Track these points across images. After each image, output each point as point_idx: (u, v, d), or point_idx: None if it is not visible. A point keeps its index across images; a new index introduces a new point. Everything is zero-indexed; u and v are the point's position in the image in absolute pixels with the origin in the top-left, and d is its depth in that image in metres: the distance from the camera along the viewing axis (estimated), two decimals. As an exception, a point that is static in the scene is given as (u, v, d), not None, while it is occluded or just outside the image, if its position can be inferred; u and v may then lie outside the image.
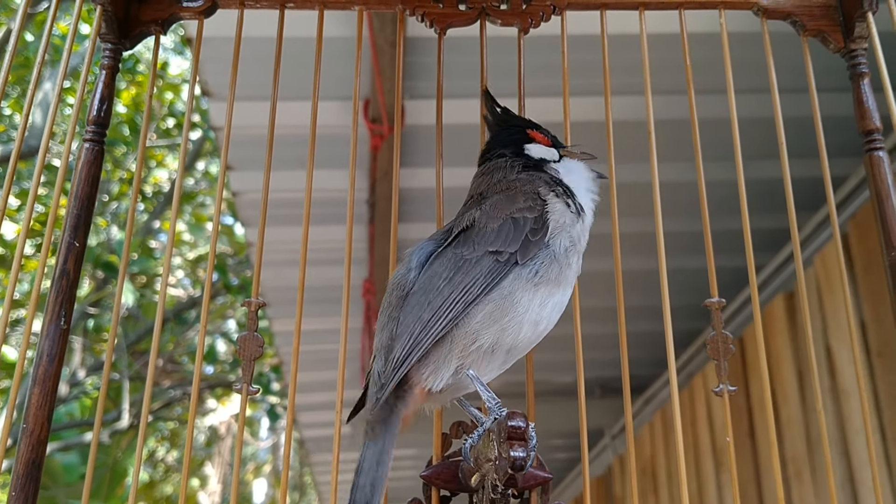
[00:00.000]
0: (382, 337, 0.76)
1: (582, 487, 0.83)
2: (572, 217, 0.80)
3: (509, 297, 0.73)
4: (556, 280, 0.75)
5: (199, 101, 5.57)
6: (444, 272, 0.74)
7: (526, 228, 0.75)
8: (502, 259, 0.73)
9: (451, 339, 0.72)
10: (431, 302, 0.72)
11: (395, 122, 0.97)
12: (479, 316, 0.72)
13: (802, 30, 0.92)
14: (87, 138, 0.83)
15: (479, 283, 0.72)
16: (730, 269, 1.41)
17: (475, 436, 0.74)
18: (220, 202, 0.90)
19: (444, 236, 0.80)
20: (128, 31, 0.88)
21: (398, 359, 0.71)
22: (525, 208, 0.77)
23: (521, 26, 0.95)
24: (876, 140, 0.85)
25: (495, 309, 0.72)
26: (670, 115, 1.67)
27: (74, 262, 0.78)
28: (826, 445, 0.82)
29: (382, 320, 0.77)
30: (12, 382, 0.77)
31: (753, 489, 2.71)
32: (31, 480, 0.72)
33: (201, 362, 0.83)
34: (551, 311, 0.76)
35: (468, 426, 0.83)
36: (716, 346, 0.81)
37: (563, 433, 4.05)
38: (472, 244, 0.75)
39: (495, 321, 0.72)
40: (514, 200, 0.79)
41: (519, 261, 0.74)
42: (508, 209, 0.78)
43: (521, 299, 0.73)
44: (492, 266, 0.73)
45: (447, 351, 0.72)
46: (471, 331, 0.72)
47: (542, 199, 0.79)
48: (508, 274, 0.73)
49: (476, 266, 0.73)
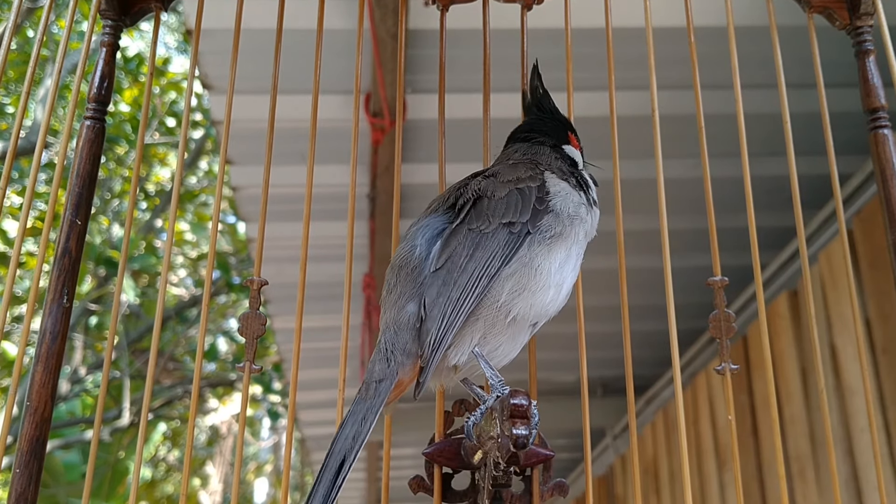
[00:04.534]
0: (393, 313, 0.77)
1: (584, 487, 0.82)
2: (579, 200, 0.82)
3: (530, 264, 0.75)
4: (566, 242, 0.78)
5: (202, 100, 5.59)
6: (464, 250, 0.75)
7: (532, 197, 0.78)
8: (515, 230, 0.76)
9: (480, 314, 0.74)
10: (458, 280, 0.73)
11: (396, 116, 0.96)
12: (507, 288, 0.74)
13: (808, 7, 0.91)
14: (87, 116, 0.82)
15: (499, 255, 0.74)
16: (734, 266, 1.40)
17: (478, 413, 0.74)
18: (219, 194, 0.89)
19: (447, 210, 0.82)
20: (128, 8, 0.88)
21: (435, 340, 0.72)
22: (526, 178, 0.80)
23: (524, 3, 0.94)
24: (881, 118, 0.85)
25: (520, 278, 0.74)
26: (675, 110, 1.66)
27: (76, 240, 0.78)
28: (830, 444, 0.81)
29: (392, 298, 0.78)
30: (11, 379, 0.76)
31: (756, 487, 2.70)
32: (35, 458, 0.72)
33: (202, 360, 0.83)
34: (569, 272, 0.78)
35: (470, 404, 0.83)
36: (718, 324, 0.81)
37: (565, 433, 4.04)
38: (485, 217, 0.77)
39: (522, 290, 0.74)
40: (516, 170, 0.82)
41: (531, 230, 0.76)
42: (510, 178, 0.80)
43: (541, 263, 0.75)
44: (507, 238, 0.75)
45: (473, 326, 0.74)
46: (501, 304, 0.74)
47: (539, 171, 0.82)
48: (523, 243, 0.76)
49: (493, 239, 0.75)
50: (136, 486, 0.79)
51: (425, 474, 0.82)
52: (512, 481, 0.80)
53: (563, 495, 0.81)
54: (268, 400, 6.73)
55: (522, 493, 0.81)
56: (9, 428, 0.75)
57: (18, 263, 0.82)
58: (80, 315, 5.50)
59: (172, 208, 0.86)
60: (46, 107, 0.85)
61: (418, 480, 0.82)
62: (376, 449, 3.88)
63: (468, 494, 0.81)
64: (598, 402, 3.77)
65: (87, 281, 5.60)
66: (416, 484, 0.82)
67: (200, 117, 5.98)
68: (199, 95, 5.45)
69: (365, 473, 4.58)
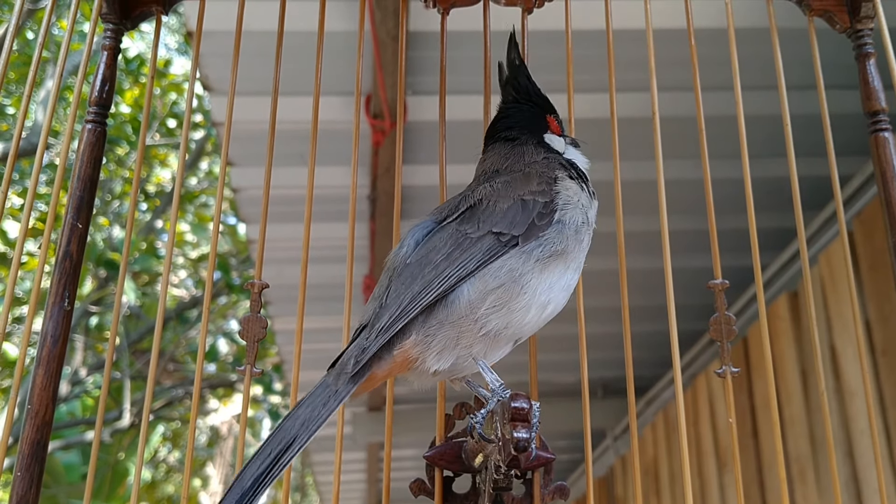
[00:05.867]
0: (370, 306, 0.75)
1: (585, 488, 0.82)
2: (587, 199, 0.80)
3: (518, 280, 0.72)
4: (565, 259, 0.74)
5: (203, 102, 5.59)
6: (443, 247, 0.73)
7: (534, 212, 0.74)
8: (503, 240, 0.73)
9: (455, 322, 0.71)
10: (425, 276, 0.71)
11: (397, 117, 0.96)
12: (488, 301, 0.71)
13: (808, 10, 0.91)
14: (88, 119, 0.83)
15: (476, 259, 0.71)
16: (734, 268, 1.40)
17: (479, 416, 0.73)
18: (220, 196, 0.89)
19: (449, 213, 0.79)
20: (129, 12, 0.88)
21: (384, 326, 0.70)
22: (538, 192, 0.76)
23: (525, 6, 0.95)
24: (881, 121, 0.85)
25: (503, 293, 0.71)
26: (675, 112, 1.66)
27: (77, 243, 0.78)
28: (831, 445, 0.81)
29: (374, 295, 0.76)
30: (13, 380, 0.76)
31: (756, 489, 2.70)
32: (36, 461, 0.73)
33: (202, 361, 0.83)
34: (559, 292, 0.75)
35: (471, 407, 0.83)
36: (719, 327, 0.81)
37: (565, 434, 4.04)
38: (476, 221, 0.74)
39: (502, 306, 0.71)
40: (528, 182, 0.78)
41: (520, 244, 0.73)
42: (520, 190, 0.77)
43: (530, 281, 0.72)
44: (491, 245, 0.72)
45: (454, 337, 0.71)
46: (479, 317, 0.71)
47: (554, 183, 0.78)
48: (506, 254, 0.72)
49: (476, 244, 0.72)
50: (137, 486, 0.79)
51: (426, 477, 0.82)
52: (513, 484, 0.80)
53: (564, 498, 0.81)
54: (269, 401, 6.73)
55: (523, 496, 0.81)
56: (10, 430, 0.75)
57: (20, 264, 0.82)
58: (81, 316, 5.50)
59: (174, 210, 0.86)
60: (48, 108, 0.85)
61: (419, 483, 0.82)
62: (377, 450, 3.88)
63: (469, 498, 0.81)
64: (598, 403, 3.77)
65: (87, 282, 5.60)
66: (416, 487, 0.82)
67: (201, 119, 5.98)
68: (199, 97, 5.46)
69: (365, 475, 4.58)
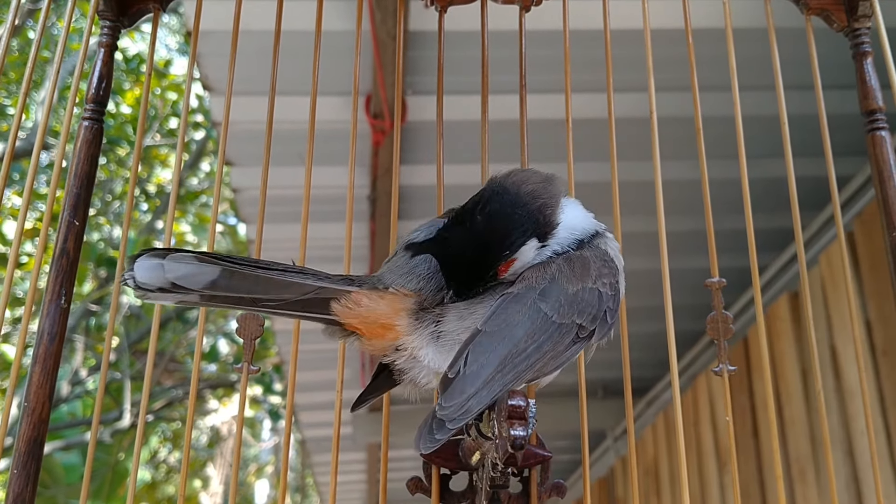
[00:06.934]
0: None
1: (583, 489, 0.82)
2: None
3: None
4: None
5: (203, 102, 5.59)
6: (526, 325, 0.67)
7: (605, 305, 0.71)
8: (582, 335, 0.69)
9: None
10: (517, 366, 0.66)
11: (395, 117, 0.96)
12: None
13: (806, 9, 0.91)
14: (86, 116, 0.82)
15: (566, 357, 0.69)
16: (734, 269, 1.40)
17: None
18: (217, 196, 0.90)
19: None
20: (126, 9, 0.87)
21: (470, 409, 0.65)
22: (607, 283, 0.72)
23: (522, 4, 0.95)
24: (878, 119, 0.85)
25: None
26: (673, 112, 1.66)
27: (74, 240, 0.78)
28: (828, 446, 0.81)
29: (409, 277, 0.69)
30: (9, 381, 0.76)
31: (756, 489, 2.70)
32: (32, 458, 0.72)
33: (200, 361, 0.83)
34: None
35: None
36: (715, 325, 0.81)
37: (565, 434, 4.04)
38: (557, 305, 0.68)
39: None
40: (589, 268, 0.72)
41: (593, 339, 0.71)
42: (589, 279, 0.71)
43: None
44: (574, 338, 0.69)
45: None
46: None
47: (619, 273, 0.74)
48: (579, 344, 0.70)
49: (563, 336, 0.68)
50: (133, 486, 0.80)
51: (423, 475, 0.82)
52: (510, 482, 0.80)
53: (561, 496, 0.81)
54: (268, 401, 6.74)
55: (520, 493, 0.81)
56: (6, 429, 0.75)
57: (18, 264, 0.82)
58: (81, 316, 5.51)
59: (170, 209, 0.86)
60: (45, 107, 0.85)
61: (416, 481, 0.82)
62: (377, 451, 3.87)
63: (466, 495, 0.81)
64: (598, 403, 3.77)
65: (87, 282, 5.61)
66: (413, 485, 0.82)
67: (202, 119, 5.99)
68: (200, 97, 5.46)
69: (365, 475, 4.58)
